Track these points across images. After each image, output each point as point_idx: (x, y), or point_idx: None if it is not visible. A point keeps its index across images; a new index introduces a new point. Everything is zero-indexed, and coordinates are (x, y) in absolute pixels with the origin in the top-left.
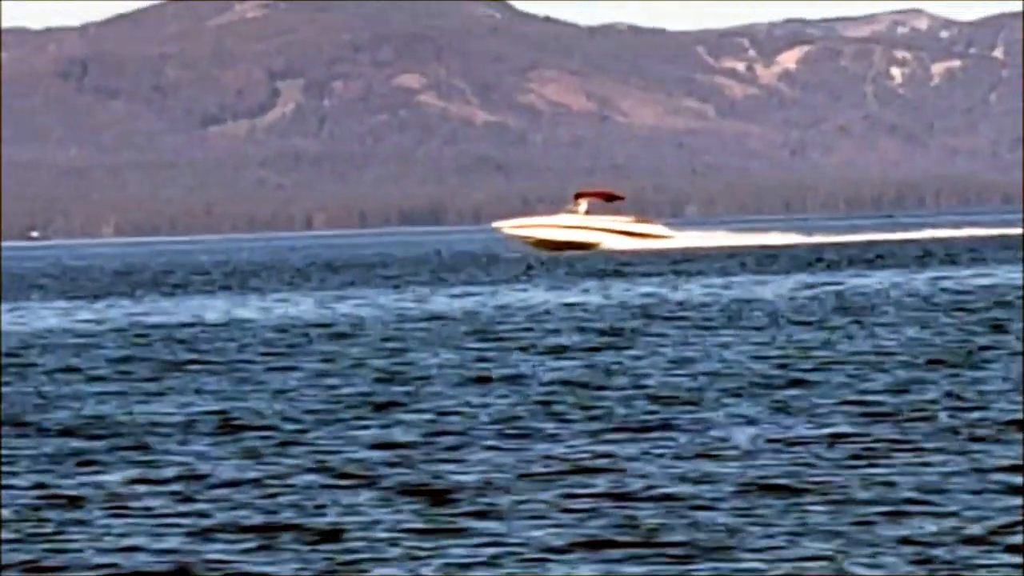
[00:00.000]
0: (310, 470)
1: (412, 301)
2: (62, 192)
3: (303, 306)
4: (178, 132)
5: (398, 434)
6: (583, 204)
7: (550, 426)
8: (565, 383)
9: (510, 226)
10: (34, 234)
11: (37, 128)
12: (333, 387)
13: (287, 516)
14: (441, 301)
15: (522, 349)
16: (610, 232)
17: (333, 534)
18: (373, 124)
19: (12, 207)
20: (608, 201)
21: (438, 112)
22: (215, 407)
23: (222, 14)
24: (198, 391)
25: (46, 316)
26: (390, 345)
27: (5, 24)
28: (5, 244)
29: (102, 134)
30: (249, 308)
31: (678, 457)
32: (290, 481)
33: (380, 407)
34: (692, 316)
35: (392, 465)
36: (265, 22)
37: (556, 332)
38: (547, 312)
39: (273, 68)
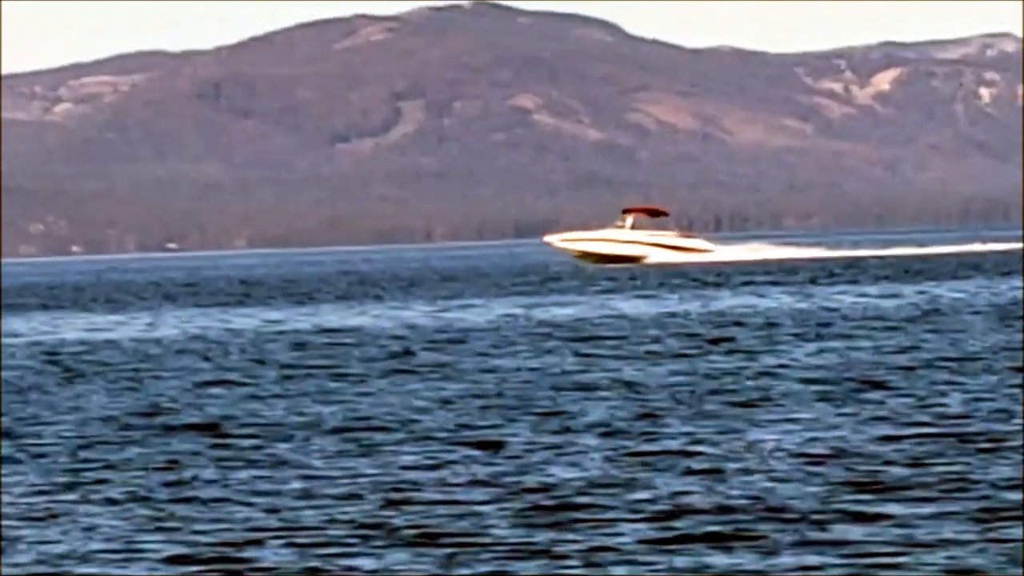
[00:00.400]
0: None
1: (518, 309)
2: (198, 206)
3: (416, 312)
4: (307, 149)
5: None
6: (629, 219)
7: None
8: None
9: (560, 239)
10: (171, 246)
11: (175, 146)
12: (445, 390)
13: (407, 518)
14: (550, 311)
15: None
16: (656, 246)
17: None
18: (490, 142)
19: (151, 220)
20: (653, 216)
21: (552, 130)
22: (338, 410)
23: (348, 37)
24: (320, 393)
25: (179, 322)
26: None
27: (144, 47)
28: (143, 255)
29: (236, 151)
30: (371, 315)
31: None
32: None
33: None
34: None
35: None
36: (389, 45)
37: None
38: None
39: (396, 89)
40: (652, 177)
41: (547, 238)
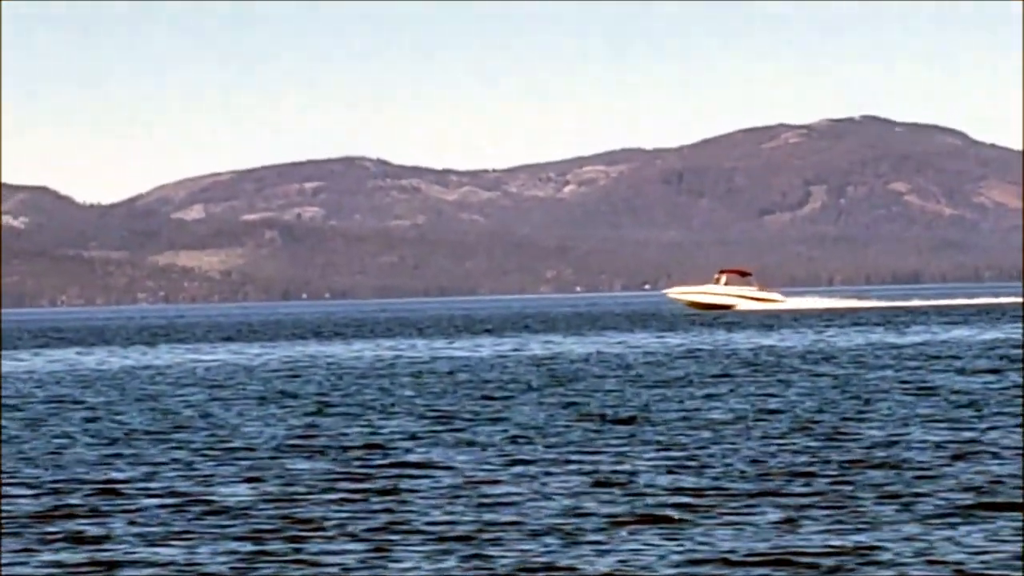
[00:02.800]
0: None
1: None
2: (665, 259)
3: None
4: (743, 220)
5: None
6: (723, 278)
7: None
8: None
9: (673, 292)
10: (647, 287)
11: (648, 217)
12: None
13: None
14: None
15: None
16: (742, 298)
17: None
18: (874, 216)
19: (631, 269)
20: (742, 276)
21: (918, 208)
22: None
23: (773, 140)
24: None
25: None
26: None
27: (627, 145)
28: (626, 294)
29: (691, 221)
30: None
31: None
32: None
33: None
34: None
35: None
36: (802, 145)
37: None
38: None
39: (807, 176)
40: (991, 243)
41: (667, 291)
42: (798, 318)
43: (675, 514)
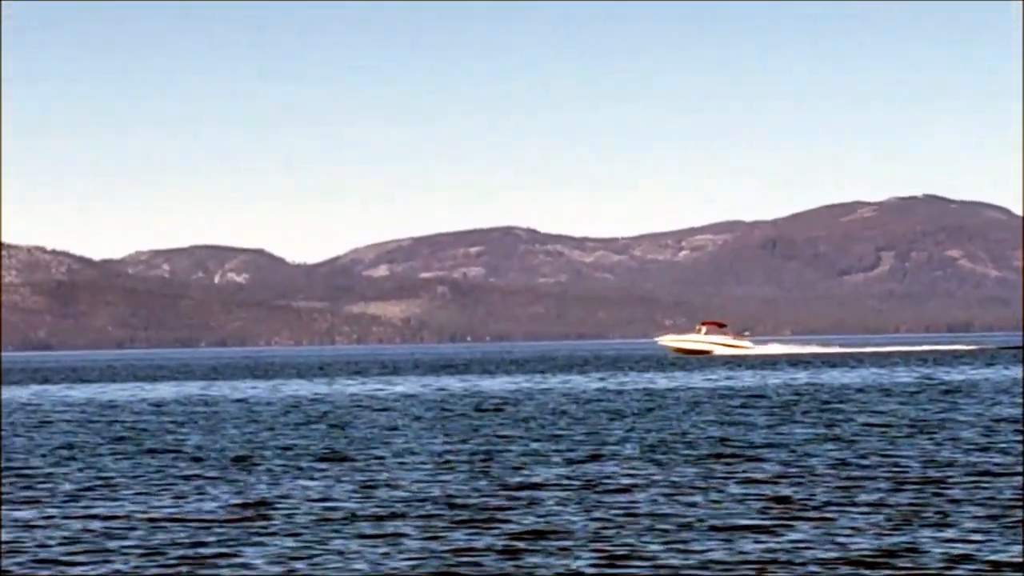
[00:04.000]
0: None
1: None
2: (761, 312)
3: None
4: (825, 279)
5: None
6: (704, 328)
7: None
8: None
9: (663, 340)
10: (746, 333)
11: (749, 276)
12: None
13: None
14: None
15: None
16: (719, 345)
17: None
18: (930, 276)
19: (734, 319)
20: (719, 327)
21: (968, 270)
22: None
23: (850, 214)
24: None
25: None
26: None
27: (731, 218)
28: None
29: (784, 280)
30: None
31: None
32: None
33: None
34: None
35: None
36: (874, 219)
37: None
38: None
39: (878, 244)
40: None
41: (656, 338)
42: (764, 362)
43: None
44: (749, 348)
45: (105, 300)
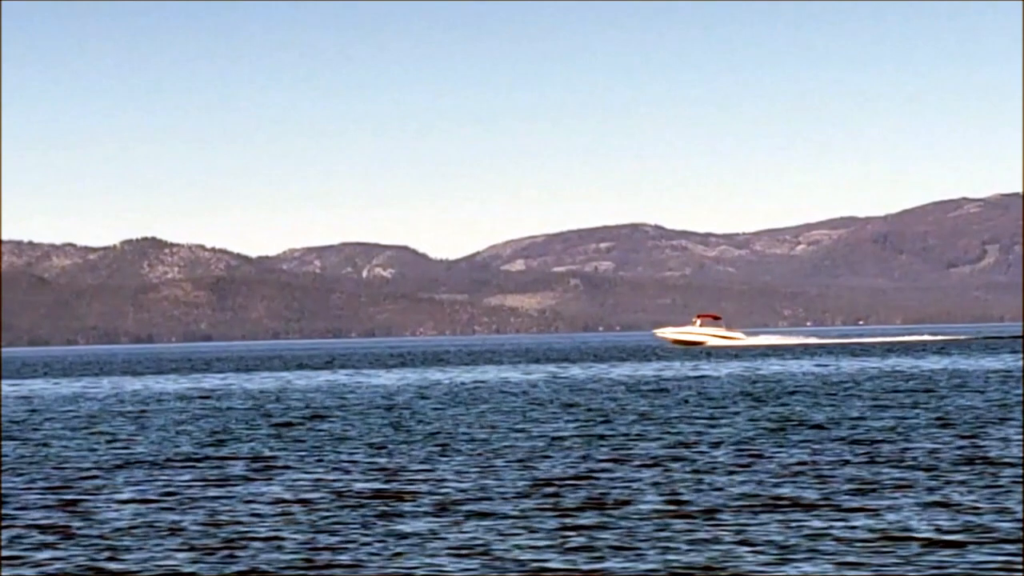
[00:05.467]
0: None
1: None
2: (873, 302)
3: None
4: (933, 271)
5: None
6: (698, 321)
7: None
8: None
9: (660, 332)
10: (860, 322)
11: (860, 269)
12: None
13: None
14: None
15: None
16: (712, 336)
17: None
18: None
19: (847, 309)
20: (714, 320)
21: None
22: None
23: (957, 209)
24: None
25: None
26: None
27: (843, 214)
28: (837, 329)
29: (894, 272)
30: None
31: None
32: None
33: None
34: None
35: None
36: (978, 214)
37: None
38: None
39: (983, 238)
40: None
41: (655, 331)
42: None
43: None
44: (741, 339)
45: (261, 294)
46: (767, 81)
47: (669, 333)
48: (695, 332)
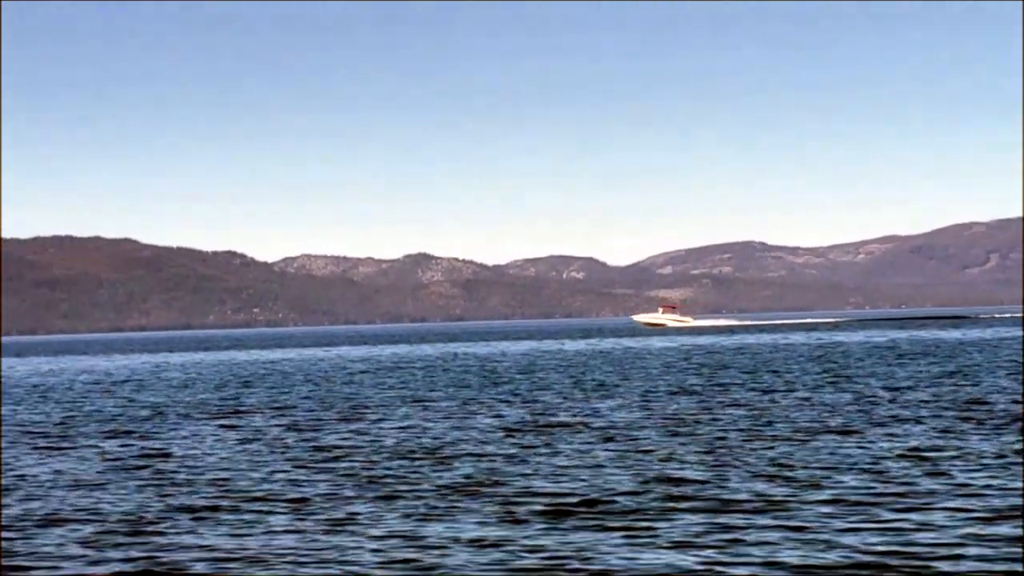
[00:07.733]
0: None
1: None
2: (911, 294)
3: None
4: (952, 272)
5: None
6: (661, 309)
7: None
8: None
9: (636, 317)
10: (902, 307)
11: (901, 272)
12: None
13: None
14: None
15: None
16: (671, 320)
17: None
18: None
19: (891, 299)
20: (672, 309)
21: None
22: None
23: (971, 230)
24: None
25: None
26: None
27: (888, 233)
28: (674, 317)
29: (926, 272)
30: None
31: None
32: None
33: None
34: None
35: None
36: (986, 232)
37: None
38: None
39: (988, 249)
40: None
41: (632, 317)
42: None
43: None
44: (691, 322)
45: (496, 292)
46: (845, 132)
47: (642, 318)
48: (659, 317)
